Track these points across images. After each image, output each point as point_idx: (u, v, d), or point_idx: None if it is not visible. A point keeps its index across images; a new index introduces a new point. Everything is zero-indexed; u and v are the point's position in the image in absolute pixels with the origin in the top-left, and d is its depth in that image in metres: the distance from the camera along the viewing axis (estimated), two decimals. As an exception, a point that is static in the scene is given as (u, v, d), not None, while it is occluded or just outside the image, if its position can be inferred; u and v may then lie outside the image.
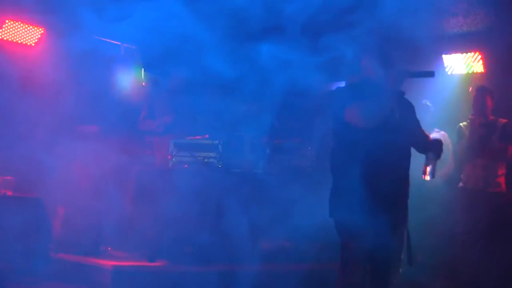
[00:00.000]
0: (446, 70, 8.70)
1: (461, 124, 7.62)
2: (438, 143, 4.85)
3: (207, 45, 7.08)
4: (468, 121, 7.52)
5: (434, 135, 7.86)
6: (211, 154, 7.55)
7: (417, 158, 4.90)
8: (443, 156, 7.04)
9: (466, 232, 7.31)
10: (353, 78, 4.77)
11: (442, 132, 7.93)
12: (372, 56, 4.69)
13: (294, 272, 7.00)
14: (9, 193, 7.02)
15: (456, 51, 8.62)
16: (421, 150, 4.87)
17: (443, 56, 8.69)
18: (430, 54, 8.39)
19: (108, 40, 9.12)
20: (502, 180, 7.35)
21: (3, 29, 8.34)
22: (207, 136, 7.64)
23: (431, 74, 4.87)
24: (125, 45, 9.40)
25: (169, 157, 7.58)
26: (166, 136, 7.64)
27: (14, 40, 8.47)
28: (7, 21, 8.29)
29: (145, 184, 7.39)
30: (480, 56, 8.38)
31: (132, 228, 7.43)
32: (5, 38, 8.41)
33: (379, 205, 4.49)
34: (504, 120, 7.38)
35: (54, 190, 7.64)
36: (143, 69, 9.12)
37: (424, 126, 5.01)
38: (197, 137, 7.66)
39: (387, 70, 4.64)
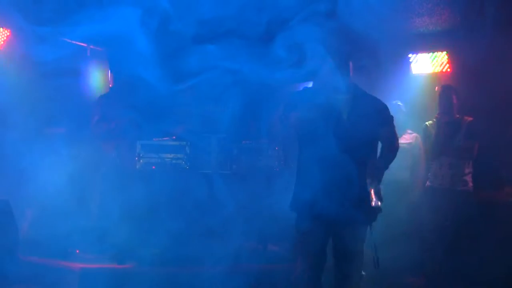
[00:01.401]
0: (412, 69, 8.76)
1: (427, 123, 7.64)
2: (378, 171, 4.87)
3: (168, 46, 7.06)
4: (434, 120, 7.57)
5: (406, 136, 7.92)
6: (179, 156, 7.55)
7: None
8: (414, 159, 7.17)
9: (433, 230, 7.37)
10: (315, 79, 4.85)
11: (415, 134, 7.99)
12: (333, 57, 4.74)
13: (262, 272, 7.01)
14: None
15: (422, 51, 8.70)
16: (388, 150, 4.94)
17: (409, 55, 8.76)
18: (396, 53, 8.45)
19: (75, 42, 9.05)
20: (469, 178, 7.36)
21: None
22: (174, 137, 7.64)
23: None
24: (91, 46, 9.36)
25: (136, 158, 7.57)
26: (132, 138, 7.62)
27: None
28: (-27, 23, 8.18)
29: (113, 186, 7.38)
30: (446, 56, 8.45)
31: (100, 230, 7.42)
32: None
33: (335, 200, 4.62)
34: (469, 118, 7.41)
35: (22, 192, 7.61)
36: (109, 70, 9.08)
37: (397, 127, 5.05)
38: (164, 138, 7.65)
39: (343, 70, 4.71)
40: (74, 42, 9.02)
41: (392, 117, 4.96)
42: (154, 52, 6.81)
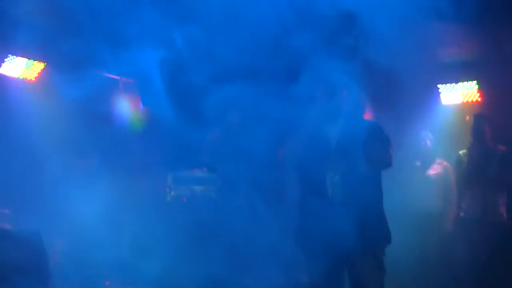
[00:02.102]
0: (442, 99, 8.69)
1: (460, 152, 7.56)
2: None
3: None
4: (467, 149, 7.48)
5: (435, 167, 7.82)
6: (210, 187, 7.55)
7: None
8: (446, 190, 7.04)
9: (466, 262, 7.23)
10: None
11: (445, 163, 7.85)
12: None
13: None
14: (7, 226, 7.01)
15: (452, 81, 8.61)
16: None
17: (439, 85, 8.70)
18: (425, 84, 8.39)
19: (107, 75, 9.16)
20: (503, 209, 7.23)
21: (5, 64, 8.37)
22: (205, 169, 7.65)
23: None
24: (123, 79, 9.46)
25: (167, 190, 7.60)
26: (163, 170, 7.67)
27: (15, 76, 8.50)
28: (9, 55, 8.31)
29: (144, 217, 7.41)
30: (476, 85, 8.36)
31: (131, 261, 7.44)
32: (6, 74, 8.43)
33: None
34: (503, 148, 7.32)
35: (53, 223, 7.68)
36: (141, 103, 9.15)
37: (426, 157, 4.99)
38: (195, 170, 7.67)
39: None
40: (107, 74, 9.14)
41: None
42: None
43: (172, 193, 7.59)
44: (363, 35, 6.46)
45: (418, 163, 7.73)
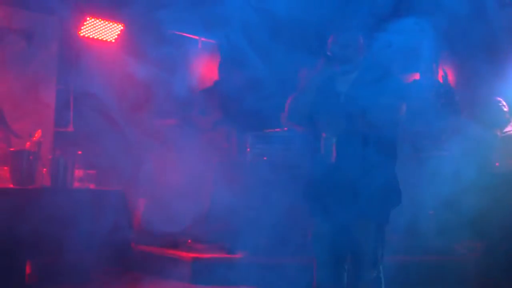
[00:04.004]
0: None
1: None
2: None
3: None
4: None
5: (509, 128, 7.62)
6: (291, 147, 7.49)
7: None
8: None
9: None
10: None
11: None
12: None
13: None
14: (92, 186, 7.12)
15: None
16: None
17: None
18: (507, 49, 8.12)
19: (186, 35, 9.18)
20: None
21: (85, 27, 8.47)
22: (286, 129, 7.58)
23: None
24: (202, 39, 9.45)
25: (248, 149, 7.58)
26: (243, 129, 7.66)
27: (95, 37, 8.60)
28: (88, 18, 8.40)
29: (224, 177, 7.43)
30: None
31: (212, 220, 7.50)
32: (86, 36, 8.54)
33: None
34: None
35: (136, 183, 7.79)
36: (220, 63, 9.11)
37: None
38: (276, 129, 7.61)
39: None
40: (186, 34, 9.15)
41: None
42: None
43: (252, 152, 7.56)
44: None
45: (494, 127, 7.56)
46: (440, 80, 7.96)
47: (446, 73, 7.95)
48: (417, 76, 7.94)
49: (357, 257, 4.54)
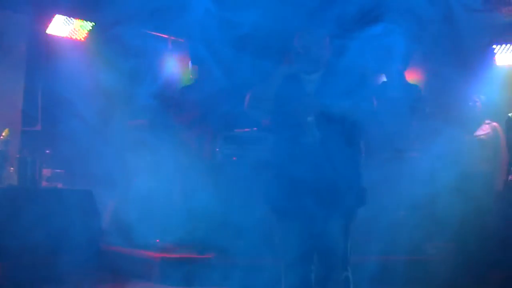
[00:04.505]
0: (496, 60, 8.51)
1: (510, 114, 7.41)
2: None
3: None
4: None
5: (484, 127, 7.71)
6: (260, 147, 7.49)
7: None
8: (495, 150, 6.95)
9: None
10: None
11: (494, 124, 7.73)
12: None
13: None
14: (60, 185, 7.09)
15: (506, 41, 8.41)
16: None
17: (494, 46, 8.50)
18: (479, 45, 8.22)
19: (156, 34, 9.13)
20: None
21: (53, 25, 8.37)
22: (255, 129, 7.58)
23: None
24: (172, 38, 9.42)
25: (217, 149, 7.58)
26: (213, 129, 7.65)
27: (64, 36, 8.50)
28: (56, 16, 8.30)
29: (194, 178, 7.41)
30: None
31: (182, 220, 7.47)
32: (54, 34, 8.44)
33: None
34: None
35: (105, 183, 7.73)
36: (190, 62, 9.09)
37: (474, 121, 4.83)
38: (246, 129, 7.61)
39: None
40: (156, 33, 9.11)
41: None
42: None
43: (222, 152, 7.55)
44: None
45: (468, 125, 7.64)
46: (408, 82, 8.03)
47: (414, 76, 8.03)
48: (384, 78, 8.00)
49: (324, 257, 4.53)
